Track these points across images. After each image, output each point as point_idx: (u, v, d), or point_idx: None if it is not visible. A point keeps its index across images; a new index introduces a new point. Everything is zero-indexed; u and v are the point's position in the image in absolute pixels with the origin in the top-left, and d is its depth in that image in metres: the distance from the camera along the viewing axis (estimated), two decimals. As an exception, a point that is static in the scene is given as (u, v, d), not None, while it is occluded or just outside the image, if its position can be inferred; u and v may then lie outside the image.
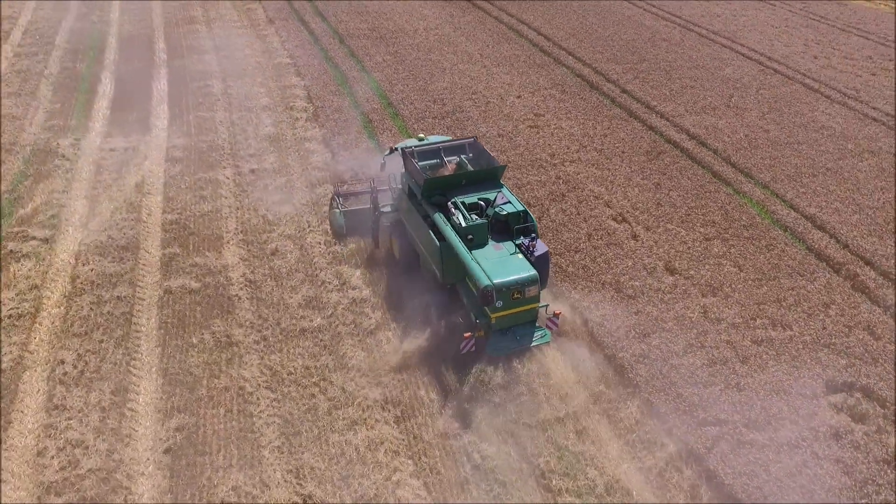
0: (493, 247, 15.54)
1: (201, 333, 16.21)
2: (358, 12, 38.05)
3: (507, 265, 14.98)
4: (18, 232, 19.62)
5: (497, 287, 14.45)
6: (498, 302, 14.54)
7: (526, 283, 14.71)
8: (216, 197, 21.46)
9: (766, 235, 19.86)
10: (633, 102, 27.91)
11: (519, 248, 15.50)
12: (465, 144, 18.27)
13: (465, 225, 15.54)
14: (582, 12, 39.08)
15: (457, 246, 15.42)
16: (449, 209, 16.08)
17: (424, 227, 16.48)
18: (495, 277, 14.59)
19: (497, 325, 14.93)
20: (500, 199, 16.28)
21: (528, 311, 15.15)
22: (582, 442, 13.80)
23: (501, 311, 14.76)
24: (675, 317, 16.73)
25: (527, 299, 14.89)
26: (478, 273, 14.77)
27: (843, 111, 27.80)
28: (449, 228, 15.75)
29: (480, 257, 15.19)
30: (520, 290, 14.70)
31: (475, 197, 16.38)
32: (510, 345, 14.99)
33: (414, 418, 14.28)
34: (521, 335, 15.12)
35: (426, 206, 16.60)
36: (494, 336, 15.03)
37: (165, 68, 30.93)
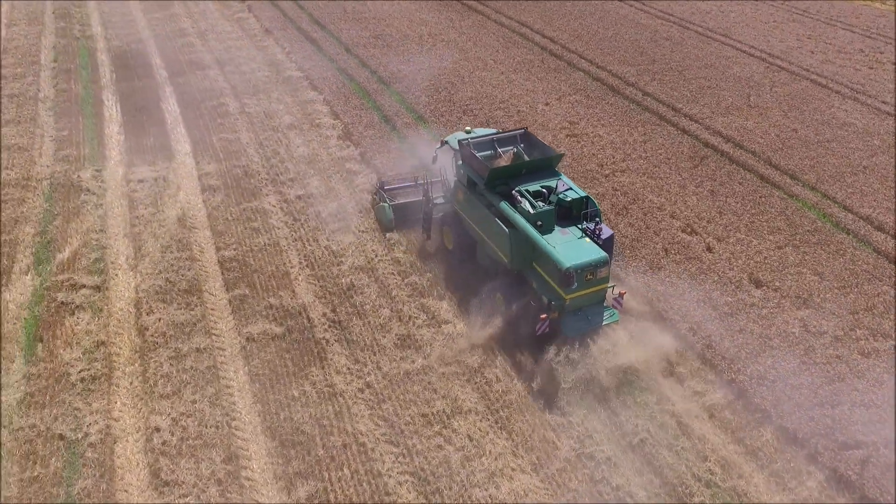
0: (560, 232, 15.70)
1: (301, 385, 14.79)
2: (356, 19, 36.33)
3: (579, 248, 15.20)
4: (64, 280, 17.62)
5: (577, 268, 14.70)
6: (575, 284, 14.79)
7: (599, 265, 15.02)
8: (269, 228, 19.83)
9: (832, 240, 19.62)
10: (658, 105, 27.38)
11: (584, 232, 15.64)
12: (517, 135, 18.16)
13: (535, 212, 15.63)
14: (577, 13, 38.37)
15: (529, 232, 15.54)
16: (514, 197, 16.12)
17: (489, 216, 16.50)
18: (572, 260, 14.83)
19: (571, 305, 15.15)
20: (560, 186, 16.42)
21: (599, 292, 15.49)
22: (729, 476, 13.15)
23: (575, 293, 14.99)
24: (777, 333, 16.24)
25: (598, 280, 15.19)
26: (556, 256, 14.93)
27: (856, 106, 27.98)
28: (518, 216, 15.83)
29: (553, 242, 15.31)
30: (592, 272, 14.97)
31: (538, 185, 16.42)
32: (584, 325, 15.31)
33: (550, 463, 13.37)
34: (593, 315, 15.45)
35: (489, 196, 16.61)
36: (568, 317, 15.28)
37: (170, 86, 28.69)
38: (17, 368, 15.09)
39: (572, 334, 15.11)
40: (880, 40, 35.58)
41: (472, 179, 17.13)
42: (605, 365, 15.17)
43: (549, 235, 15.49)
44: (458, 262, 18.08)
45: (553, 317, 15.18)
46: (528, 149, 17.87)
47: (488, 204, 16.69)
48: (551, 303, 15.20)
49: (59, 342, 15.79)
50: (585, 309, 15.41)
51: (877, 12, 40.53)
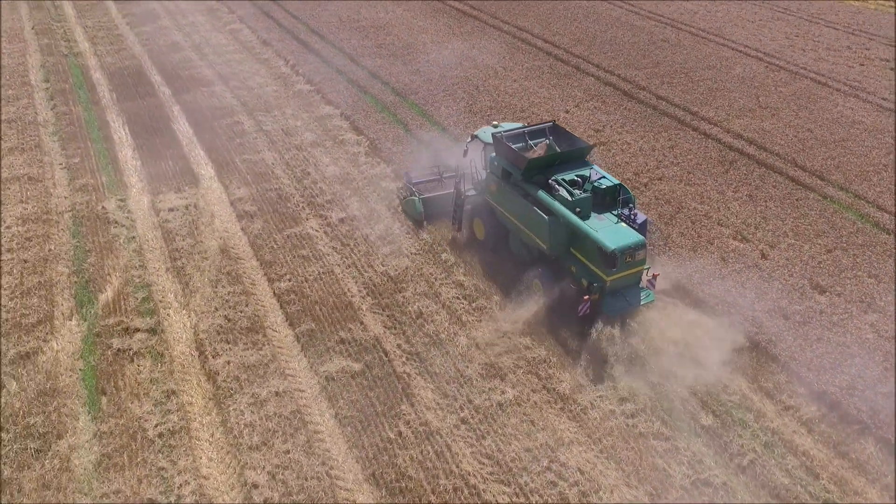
0: (596, 218, 16.18)
1: (395, 424, 13.90)
2: (354, 28, 35.09)
3: (618, 232, 15.74)
4: (115, 325, 16.24)
5: (620, 250, 15.26)
6: (617, 267, 15.36)
7: (638, 247, 15.59)
8: (319, 256, 18.76)
9: (876, 241, 19.68)
10: (675, 109, 27.18)
11: (619, 218, 16.17)
12: (546, 128, 18.52)
13: (573, 199, 16.13)
14: (571, 16, 37.96)
15: (569, 218, 16.07)
16: (551, 187, 16.62)
17: (527, 205, 16.92)
18: (616, 242, 15.38)
19: (611, 286, 15.75)
20: (594, 174, 16.91)
21: (636, 274, 16.07)
22: (845, 493, 12.88)
23: (616, 274, 15.56)
24: (853, 340, 16.10)
25: (636, 262, 15.74)
26: (600, 239, 15.47)
27: (859, 104, 28.34)
28: (557, 203, 16.34)
29: (594, 227, 15.85)
30: (632, 254, 15.50)
31: (572, 174, 16.92)
32: (624, 305, 15.93)
33: (667, 492, 12.87)
34: (631, 296, 16.09)
35: (526, 186, 17.09)
36: (608, 298, 15.90)
37: (176, 105, 27.08)
38: (85, 427, 13.79)
39: (613, 314, 15.82)
40: (863, 37, 36.28)
41: (506, 171, 17.54)
42: (693, 384, 14.85)
43: (588, 221, 16.06)
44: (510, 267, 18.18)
45: (594, 298, 15.76)
46: (558, 140, 18.23)
47: (525, 194, 17.13)
48: (592, 284, 15.81)
49: (125, 394, 14.51)
50: (624, 290, 16.09)
51: (853, 9, 41.36)
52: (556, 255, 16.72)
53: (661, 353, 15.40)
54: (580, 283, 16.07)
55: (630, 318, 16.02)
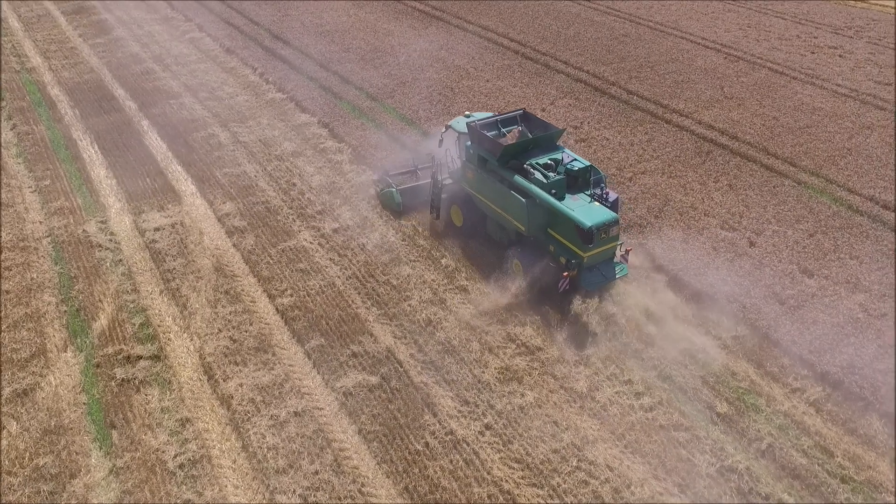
0: (571, 198, 16.81)
1: (420, 436, 13.75)
2: (319, 33, 34.45)
3: (593, 211, 16.39)
4: (115, 353, 15.55)
5: (597, 226, 15.96)
6: (593, 243, 16.04)
7: (611, 224, 16.33)
8: (317, 268, 18.37)
9: (852, 223, 20.46)
10: (646, 103, 27.67)
11: (592, 197, 16.82)
12: (517, 116, 19.13)
13: (548, 182, 16.76)
14: (533, 14, 38.21)
15: (545, 199, 16.66)
16: (526, 171, 17.22)
17: (504, 189, 17.48)
18: (591, 220, 16.05)
19: (588, 262, 16.47)
20: (566, 157, 17.61)
21: (610, 249, 16.81)
22: (859, 468, 13.37)
23: (592, 250, 16.27)
24: (846, 320, 16.71)
25: (610, 238, 16.51)
26: (577, 217, 16.12)
27: (816, 91, 29.42)
28: (533, 186, 16.88)
29: (570, 206, 16.47)
30: (606, 230, 16.25)
31: (546, 158, 17.58)
32: (600, 279, 16.70)
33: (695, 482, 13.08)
34: (606, 270, 16.84)
35: (502, 172, 17.63)
36: (585, 273, 16.61)
37: (145, 119, 26.07)
38: (98, 463, 13.16)
39: (591, 288, 16.54)
40: (810, 26, 37.69)
41: (482, 158, 18.10)
42: (703, 374, 15.20)
43: (564, 202, 16.68)
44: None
45: (573, 274, 16.51)
46: (530, 127, 18.90)
47: (501, 179, 17.68)
48: (570, 261, 16.50)
49: (136, 426, 13.92)
50: (599, 265, 16.80)
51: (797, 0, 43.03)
52: (534, 235, 17.32)
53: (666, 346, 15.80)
54: (559, 261, 16.80)
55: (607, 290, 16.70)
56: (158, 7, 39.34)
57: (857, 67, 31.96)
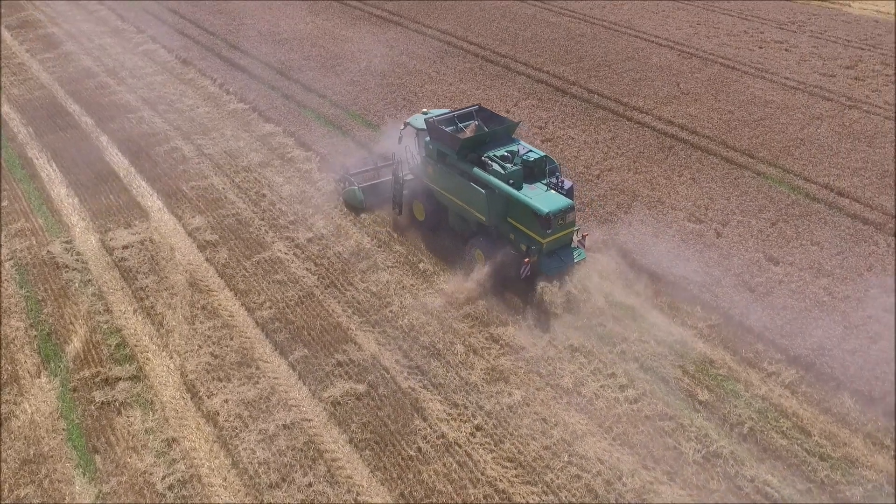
0: (528, 187, 17.41)
1: (412, 441, 13.76)
2: (277, 42, 34.00)
3: (549, 198, 17.04)
4: (92, 376, 15.11)
5: (554, 213, 16.62)
6: (551, 229, 16.70)
7: (567, 210, 17.02)
8: (295, 279, 18.18)
9: (810, 210, 21.25)
10: (607, 102, 28.20)
11: (549, 186, 17.48)
12: (473, 111, 19.69)
13: (505, 172, 17.38)
14: (489, 16, 38.49)
15: (504, 189, 17.28)
16: (485, 163, 17.83)
17: (464, 182, 18.02)
18: (549, 206, 16.71)
19: (547, 247, 17.11)
20: (521, 149, 18.27)
21: (567, 235, 17.51)
22: (836, 445, 13.90)
23: (550, 236, 16.91)
24: (813, 304, 17.36)
25: (567, 224, 17.19)
26: (535, 205, 16.76)
27: (766, 84, 30.47)
28: (491, 177, 17.51)
29: (527, 195, 17.08)
30: (563, 217, 16.93)
31: (503, 150, 18.17)
32: (559, 264, 17.33)
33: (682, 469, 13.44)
34: (565, 256, 17.52)
35: (461, 165, 18.19)
36: (544, 259, 17.25)
37: (104, 135, 25.35)
38: (83, 490, 12.79)
39: (551, 273, 17.19)
40: (756, 22, 38.97)
41: (441, 153, 18.69)
42: (682, 363, 15.62)
43: (522, 191, 17.30)
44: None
45: (533, 260, 17.15)
46: (486, 121, 19.46)
47: (461, 172, 18.25)
48: (530, 248, 17.15)
49: (121, 449, 13.56)
50: (558, 251, 17.50)
51: (741, -5, 44.43)
52: (494, 225, 17.91)
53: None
54: (519, 248, 17.43)
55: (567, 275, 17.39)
56: (108, 19, 38.32)
57: (802, 61, 33.20)
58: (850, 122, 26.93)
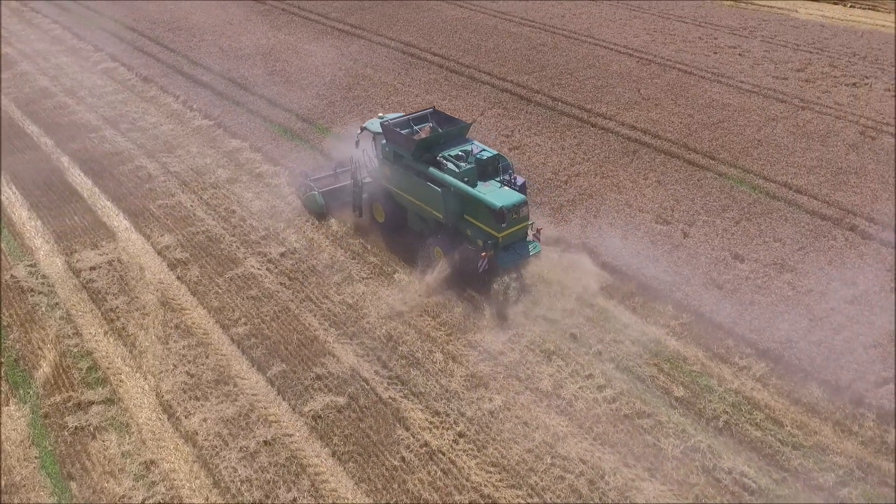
0: (483, 185, 17.99)
1: (396, 451, 13.73)
2: (240, 57, 33.75)
3: (503, 194, 17.64)
4: (64, 401, 14.74)
5: (507, 207, 17.17)
6: (506, 223, 17.26)
7: (521, 205, 17.62)
8: (269, 294, 18.03)
9: (771, 208, 21.90)
10: (571, 109, 28.69)
11: (502, 183, 18.13)
12: (427, 114, 20.34)
13: (460, 171, 17.93)
14: (451, 28, 38.78)
15: (459, 187, 17.81)
16: (440, 163, 18.36)
17: (420, 182, 18.58)
18: (502, 201, 17.28)
19: (503, 242, 17.62)
20: (475, 149, 18.84)
21: (522, 229, 18.05)
22: (807, 434, 14.31)
23: (506, 231, 17.47)
24: (778, 299, 17.86)
25: (521, 218, 17.79)
26: (488, 200, 17.35)
27: (723, 88, 31.34)
28: (447, 176, 18.03)
29: (481, 192, 17.68)
30: (517, 211, 17.50)
31: (457, 150, 18.70)
32: (515, 257, 17.93)
33: (663, 465, 13.69)
34: (520, 249, 18.08)
35: (417, 165, 18.69)
36: (500, 253, 17.74)
37: (65, 155, 24.84)
38: (60, 518, 12.47)
39: (507, 265, 17.76)
40: (709, 28, 40.11)
41: (398, 155, 19.16)
42: (657, 361, 15.94)
43: (476, 188, 17.85)
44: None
45: (490, 255, 17.60)
46: (440, 123, 20.10)
47: (417, 172, 18.74)
48: (487, 242, 17.68)
49: (97, 474, 13.24)
50: (513, 245, 17.98)
51: (694, 4, 45.64)
52: (451, 222, 18.38)
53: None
54: (476, 244, 17.93)
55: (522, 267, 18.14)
56: (63, 38, 37.59)
57: (756, 65, 34.29)
58: (803, 122, 27.92)
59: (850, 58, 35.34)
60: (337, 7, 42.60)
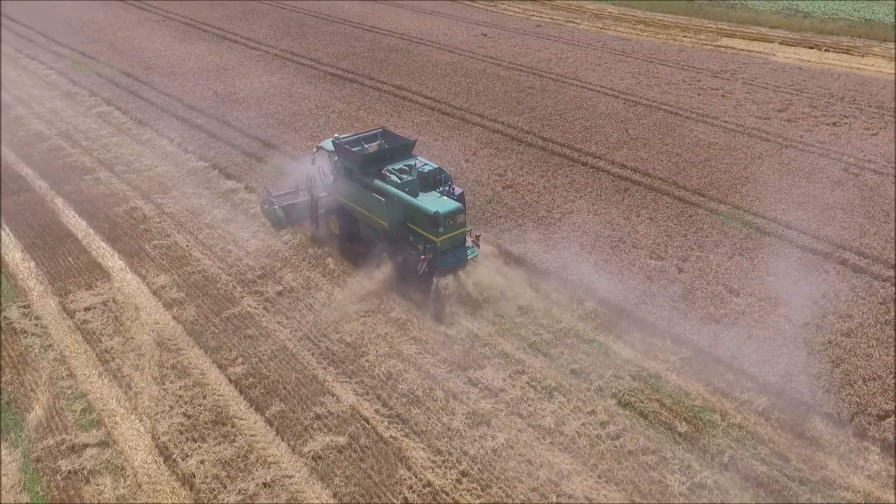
0: (424, 195, 19.45)
1: (399, 491, 13.36)
2: (233, 101, 34.01)
3: (441, 203, 19.09)
4: (57, 445, 14.27)
5: (442, 214, 18.57)
6: (442, 228, 18.58)
7: (457, 212, 19.03)
8: (266, 333, 17.77)
9: (763, 243, 22.05)
10: (561, 148, 29.07)
11: (442, 193, 19.51)
12: (377, 133, 21.96)
13: (402, 182, 19.40)
14: (441, 71, 39.40)
15: (401, 197, 19.23)
16: (385, 175, 19.84)
17: (367, 193, 20.00)
18: (438, 208, 18.72)
19: (441, 247, 18.91)
20: (418, 163, 20.34)
21: (460, 235, 19.42)
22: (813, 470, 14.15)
23: (443, 236, 18.80)
24: (777, 333, 17.77)
25: (458, 225, 19.17)
26: (425, 207, 18.78)
27: (708, 128, 31.96)
28: (390, 187, 19.50)
29: (421, 201, 19.14)
30: (453, 218, 18.88)
31: (401, 164, 20.29)
32: (453, 260, 19.17)
33: (670, 501, 13.40)
34: (459, 253, 19.41)
35: (364, 179, 20.16)
36: (440, 257, 19.01)
37: (59, 197, 24.66)
38: (51, 567, 11.93)
39: (446, 268, 18.96)
40: (692, 71, 41.15)
41: (348, 169, 20.62)
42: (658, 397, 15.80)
43: (417, 198, 19.24)
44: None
45: (429, 258, 18.83)
46: (389, 141, 21.64)
47: (365, 185, 20.13)
48: (426, 247, 18.90)
49: (91, 520, 12.78)
50: (452, 250, 19.27)
51: (677, 48, 46.89)
52: (395, 229, 19.71)
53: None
54: (418, 248, 19.16)
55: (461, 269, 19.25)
56: (59, 83, 37.74)
57: (738, 105, 35.10)
58: (788, 160, 28.47)
59: (829, 98, 36.35)
60: (329, 53, 43.31)
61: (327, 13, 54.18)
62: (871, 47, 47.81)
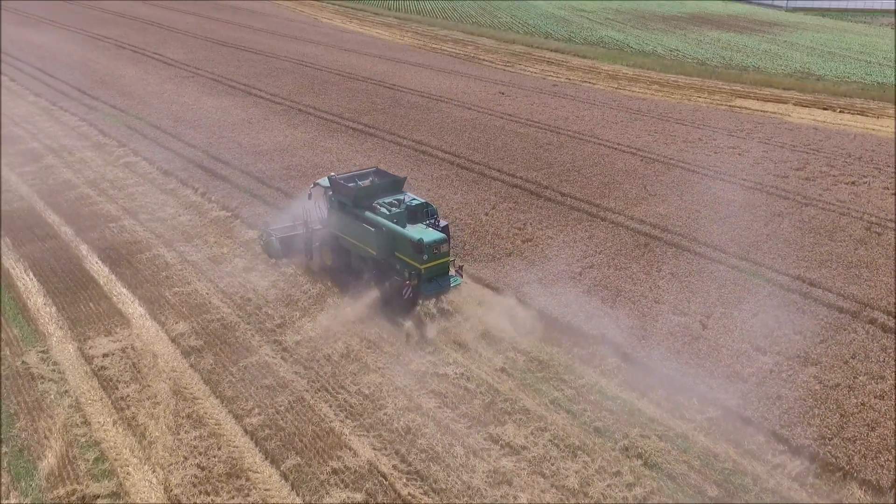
0: (411, 226, 20.72)
1: (417, 554, 12.75)
2: (257, 153, 34.49)
3: (425, 232, 20.35)
4: (67, 494, 13.83)
5: (427, 242, 19.76)
6: (426, 255, 19.71)
7: (441, 242, 20.21)
8: (284, 383, 17.41)
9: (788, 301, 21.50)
10: (580, 203, 29.05)
11: (427, 225, 20.84)
12: (371, 172, 23.44)
13: (391, 213, 20.87)
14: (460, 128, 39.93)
15: (390, 227, 20.54)
16: (376, 208, 21.31)
17: (359, 224, 21.23)
18: (423, 236, 19.93)
19: (426, 274, 20.02)
20: (407, 198, 21.78)
21: (444, 264, 20.49)
22: None
23: (428, 263, 19.95)
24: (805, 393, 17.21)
25: (442, 254, 20.27)
26: (411, 235, 20.05)
27: (726, 186, 31.86)
28: (380, 218, 20.87)
29: (407, 230, 20.38)
30: (437, 247, 20.02)
31: (391, 198, 21.77)
32: (436, 287, 20.33)
33: None
34: (442, 281, 20.56)
35: (357, 211, 21.47)
36: (424, 284, 20.12)
37: (83, 244, 24.79)
38: None
39: (429, 293, 20.13)
40: (707, 130, 41.43)
41: (342, 203, 21.91)
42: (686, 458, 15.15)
43: (405, 229, 20.45)
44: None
45: (413, 284, 19.98)
46: (381, 178, 23.00)
47: (356, 217, 21.42)
48: (411, 273, 20.07)
49: (98, 576, 12.24)
50: (436, 277, 20.36)
51: (691, 107, 47.42)
52: (383, 258, 20.87)
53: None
54: (403, 275, 20.32)
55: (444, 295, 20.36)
56: (90, 134, 38.62)
57: (755, 164, 35.11)
58: (808, 217, 28.19)
59: (846, 158, 36.29)
60: (351, 109, 44.17)
61: (350, 71, 55.56)
62: (885, 109, 48.08)
